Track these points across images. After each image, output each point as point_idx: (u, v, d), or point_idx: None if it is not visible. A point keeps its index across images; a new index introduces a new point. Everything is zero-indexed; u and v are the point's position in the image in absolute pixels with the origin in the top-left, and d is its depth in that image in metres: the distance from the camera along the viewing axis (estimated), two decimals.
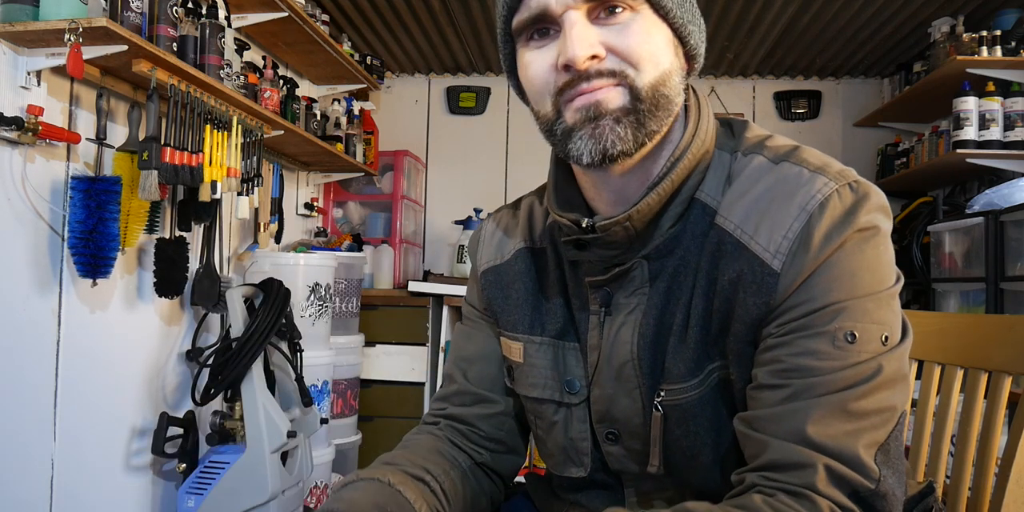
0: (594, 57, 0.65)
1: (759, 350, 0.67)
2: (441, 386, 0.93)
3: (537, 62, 0.69)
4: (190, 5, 1.86)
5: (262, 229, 2.46)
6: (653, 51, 0.67)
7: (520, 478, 0.97)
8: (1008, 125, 2.61)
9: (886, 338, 0.64)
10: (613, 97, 0.66)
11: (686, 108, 0.75)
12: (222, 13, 1.99)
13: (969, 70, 2.62)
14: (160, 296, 1.89)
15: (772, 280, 0.65)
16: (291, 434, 1.88)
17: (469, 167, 3.72)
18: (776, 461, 0.62)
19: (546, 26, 0.68)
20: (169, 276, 1.89)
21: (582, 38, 0.65)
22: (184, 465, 1.91)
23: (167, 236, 1.93)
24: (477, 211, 3.31)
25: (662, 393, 0.72)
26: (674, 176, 0.70)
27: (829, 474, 0.60)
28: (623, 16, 0.66)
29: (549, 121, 0.70)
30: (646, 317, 0.73)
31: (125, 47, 1.55)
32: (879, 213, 0.66)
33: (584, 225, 0.73)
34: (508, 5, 0.69)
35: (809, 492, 0.60)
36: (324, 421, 2.18)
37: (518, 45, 0.72)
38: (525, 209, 0.89)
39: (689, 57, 0.72)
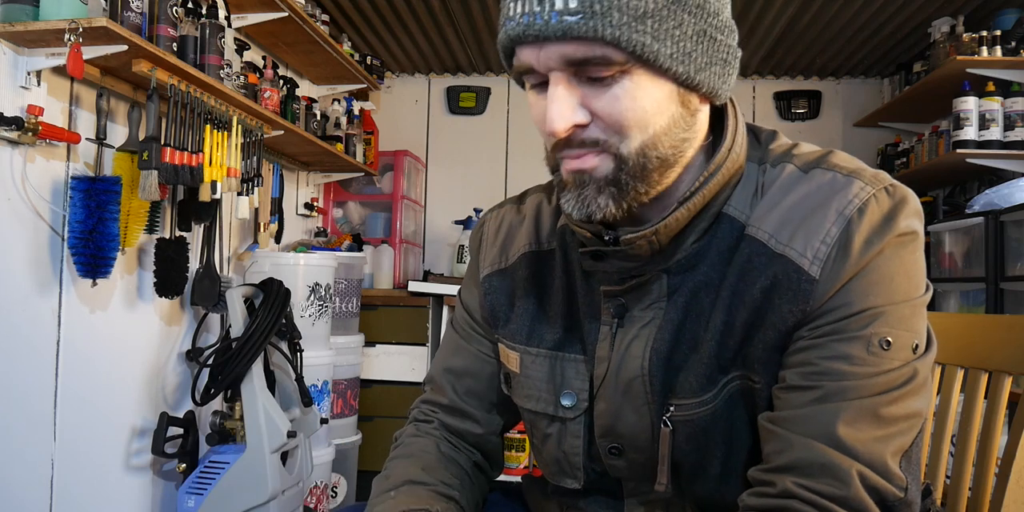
0: (576, 125, 0.63)
1: (788, 352, 0.65)
2: (428, 388, 0.92)
3: (536, 108, 0.67)
4: (190, 5, 1.85)
5: (262, 229, 2.46)
6: (641, 117, 0.63)
7: (515, 477, 0.97)
8: (1008, 125, 2.61)
9: (916, 346, 0.63)
10: (598, 166, 0.65)
11: (723, 120, 0.72)
12: (222, 13, 1.99)
13: (969, 70, 2.62)
14: (160, 296, 1.89)
15: (809, 286, 0.63)
16: (291, 434, 1.88)
17: (469, 167, 3.72)
18: (805, 461, 0.61)
19: (541, 80, 0.65)
20: (169, 276, 1.89)
21: (560, 112, 0.62)
22: (184, 465, 1.91)
23: (167, 236, 1.93)
24: (477, 211, 3.31)
25: (671, 408, 0.70)
26: (706, 191, 0.68)
27: (864, 483, 0.59)
28: (611, 80, 0.62)
29: (550, 166, 0.70)
30: (661, 332, 0.71)
31: (125, 47, 1.55)
32: (915, 218, 0.65)
33: (606, 238, 0.71)
34: (503, 52, 0.67)
35: (843, 502, 0.59)
36: (324, 421, 2.18)
37: (524, 80, 0.69)
38: (532, 207, 0.86)
39: (709, 95, 0.68)
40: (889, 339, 0.62)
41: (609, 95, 0.62)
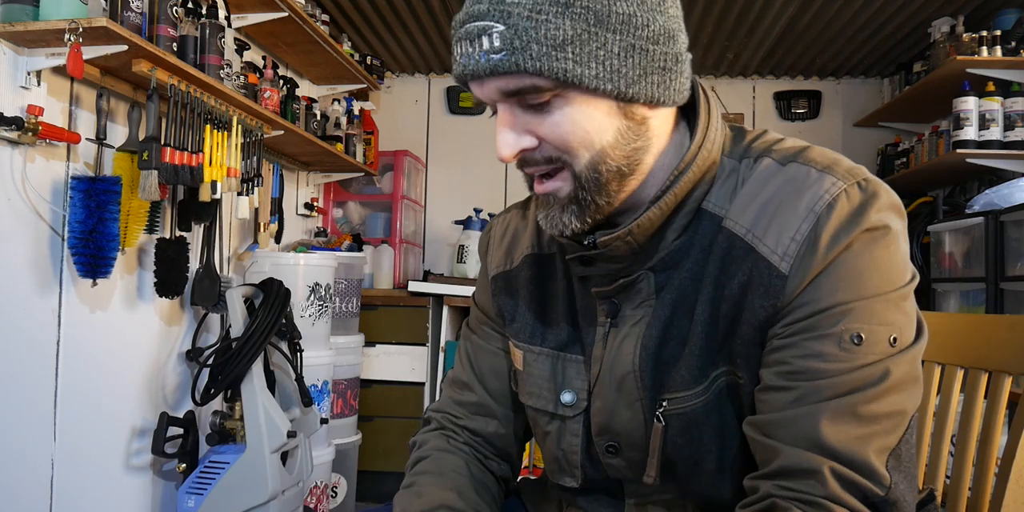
0: (524, 149, 0.68)
1: (765, 351, 0.66)
2: (451, 387, 0.92)
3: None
4: (190, 5, 1.85)
5: (262, 229, 2.46)
6: (583, 136, 0.66)
7: None
8: (1008, 125, 2.61)
9: (894, 339, 0.63)
10: (560, 187, 0.69)
11: (695, 115, 0.72)
12: (222, 13, 1.99)
13: (969, 70, 2.62)
14: (160, 296, 1.89)
15: (779, 282, 0.64)
16: (291, 434, 1.88)
17: (469, 167, 3.72)
18: (788, 467, 0.62)
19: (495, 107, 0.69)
20: (169, 276, 1.89)
21: (505, 140, 0.67)
22: (184, 465, 1.91)
23: (167, 236, 1.93)
24: (477, 211, 3.31)
25: (664, 403, 0.71)
26: (677, 189, 0.69)
27: (840, 481, 0.60)
28: (548, 106, 0.65)
29: (528, 185, 0.74)
30: (650, 329, 0.72)
31: (125, 47, 1.55)
32: (890, 212, 0.65)
33: (586, 242, 0.73)
34: (461, 86, 0.70)
35: (824, 501, 0.60)
36: (324, 421, 2.18)
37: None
38: (534, 212, 0.88)
39: (652, 104, 0.68)
40: (861, 334, 0.62)
41: (550, 121, 0.66)
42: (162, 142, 1.71)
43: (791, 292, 0.64)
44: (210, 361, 1.92)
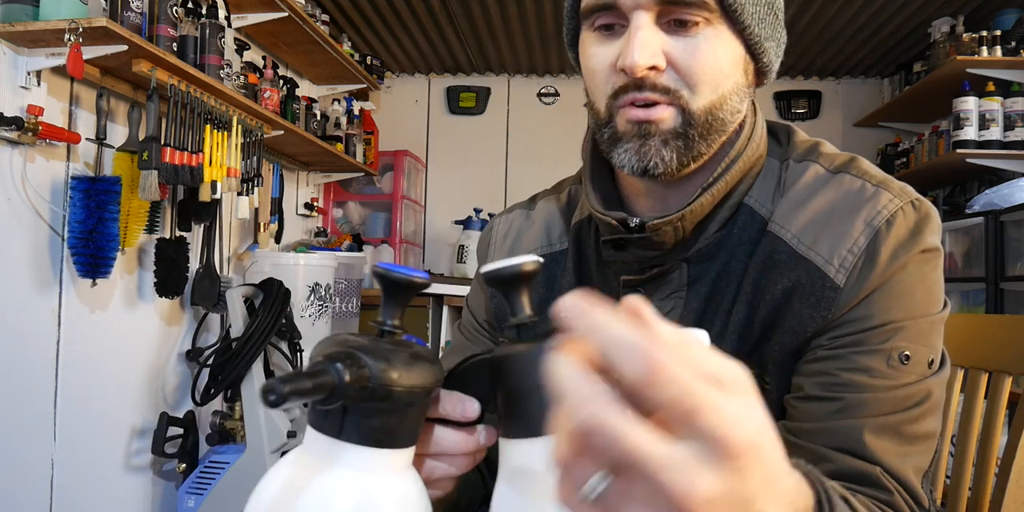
0: (653, 67, 0.62)
1: (805, 360, 0.65)
2: None
3: (598, 57, 0.65)
4: (190, 5, 1.86)
5: (262, 229, 2.46)
6: (716, 73, 0.64)
7: None
8: (1008, 125, 2.61)
9: (932, 361, 0.64)
10: (666, 117, 0.64)
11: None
12: (222, 13, 1.99)
13: (969, 70, 2.62)
14: (160, 296, 1.89)
15: (833, 294, 0.63)
16: (291, 434, 1.88)
17: (469, 167, 3.72)
18: (840, 472, 0.61)
19: (612, 22, 0.64)
20: (169, 276, 1.89)
21: (644, 45, 0.61)
22: (184, 465, 1.91)
23: (167, 236, 1.93)
24: (477, 211, 3.31)
25: None
26: (728, 178, 0.68)
27: (899, 495, 0.60)
28: (694, 29, 0.62)
29: (600, 121, 0.68)
30: (683, 321, 0.70)
31: (125, 47, 1.55)
32: (938, 234, 0.65)
33: (632, 225, 0.70)
34: None
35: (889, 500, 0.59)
36: None
37: (583, 25, 0.68)
38: (543, 212, 0.86)
39: (760, 72, 0.70)
40: (908, 353, 0.62)
41: (691, 45, 0.63)
42: (162, 142, 1.71)
43: (844, 305, 0.63)
44: (210, 361, 1.92)
